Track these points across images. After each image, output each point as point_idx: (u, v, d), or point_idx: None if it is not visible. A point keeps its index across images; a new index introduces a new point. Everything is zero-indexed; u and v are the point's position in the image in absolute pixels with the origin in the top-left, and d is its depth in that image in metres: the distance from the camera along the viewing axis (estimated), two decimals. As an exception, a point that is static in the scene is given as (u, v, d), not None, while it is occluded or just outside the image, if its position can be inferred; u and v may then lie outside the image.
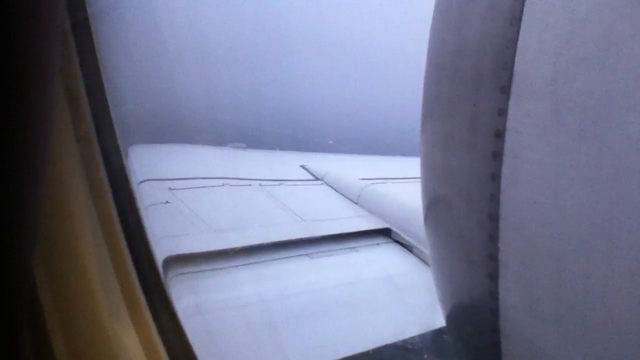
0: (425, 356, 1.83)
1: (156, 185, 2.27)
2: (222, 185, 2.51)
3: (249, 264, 1.99)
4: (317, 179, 3.00)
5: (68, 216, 0.82)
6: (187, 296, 1.64)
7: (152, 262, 0.83)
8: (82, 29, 0.82)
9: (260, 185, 2.62)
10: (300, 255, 2.14)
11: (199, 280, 1.76)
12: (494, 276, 0.67)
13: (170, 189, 2.27)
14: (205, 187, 2.41)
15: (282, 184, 2.74)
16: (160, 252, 0.92)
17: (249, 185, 2.60)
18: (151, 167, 2.27)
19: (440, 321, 0.88)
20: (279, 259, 2.07)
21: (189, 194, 2.30)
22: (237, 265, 1.94)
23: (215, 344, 1.37)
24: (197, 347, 0.80)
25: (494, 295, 0.67)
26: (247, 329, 1.57)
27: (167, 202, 2.13)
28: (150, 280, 0.82)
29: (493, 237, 0.68)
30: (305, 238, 2.22)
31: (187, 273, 1.79)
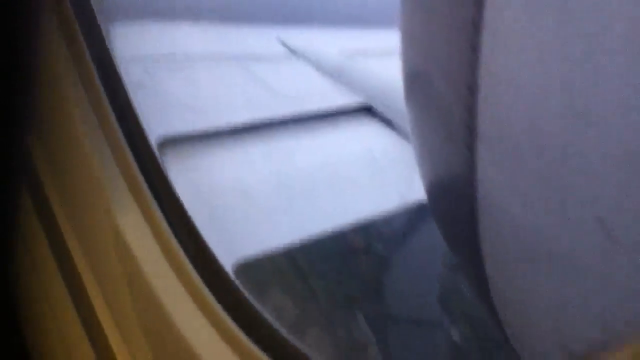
0: (407, 228, 1.91)
1: (135, 65, 2.20)
2: (199, 63, 2.44)
3: (235, 143, 1.99)
4: (295, 53, 2.92)
5: (60, 103, 0.81)
6: (183, 177, 1.66)
7: (146, 143, 0.83)
8: None
9: (237, 61, 2.54)
10: (282, 133, 2.14)
11: (191, 161, 1.77)
12: (471, 148, 0.67)
13: (147, 68, 2.21)
14: (183, 65, 2.34)
15: (259, 59, 2.66)
16: (150, 134, 0.92)
17: (226, 61, 2.53)
18: (130, 45, 2.19)
19: (421, 194, 0.90)
20: (261, 138, 2.07)
21: (168, 73, 2.24)
22: (223, 146, 1.95)
23: (216, 221, 1.41)
24: (200, 225, 0.82)
25: (471, 166, 0.67)
26: (243, 206, 1.61)
27: (147, 83, 2.08)
28: (146, 162, 0.82)
29: (471, 109, 0.68)
30: (285, 116, 2.21)
31: (177, 154, 1.80)
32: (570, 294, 0.54)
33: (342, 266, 1.64)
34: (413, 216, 1.86)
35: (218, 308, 0.71)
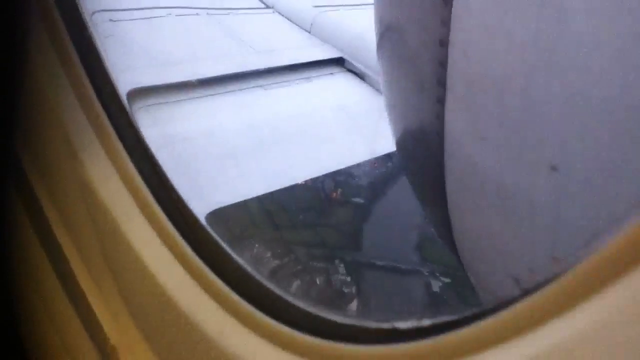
0: (375, 177, 1.95)
1: (103, 17, 2.16)
2: (169, 16, 2.40)
3: (204, 96, 1.98)
4: (267, 7, 2.89)
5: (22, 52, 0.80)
6: (151, 128, 1.66)
7: (115, 93, 0.82)
8: None
9: (207, 14, 2.51)
10: (254, 86, 2.14)
11: (159, 113, 1.76)
12: (441, 100, 0.70)
13: (114, 20, 2.16)
14: (152, 17, 2.30)
15: (231, 12, 2.63)
16: (118, 86, 0.92)
17: (197, 14, 2.49)
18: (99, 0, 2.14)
19: (390, 144, 0.93)
20: (232, 90, 2.06)
21: (136, 25, 2.20)
22: (192, 98, 1.94)
23: (186, 171, 1.42)
24: (170, 175, 0.83)
25: (440, 118, 0.70)
26: (213, 157, 1.62)
27: (112, 34, 2.05)
28: (115, 112, 0.82)
29: (442, 63, 0.71)
30: (257, 69, 2.20)
31: (146, 106, 1.79)
32: (519, 228, 0.58)
33: (316, 215, 1.68)
34: (382, 166, 1.90)
35: (191, 252, 0.73)
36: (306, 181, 1.69)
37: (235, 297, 0.64)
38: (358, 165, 1.81)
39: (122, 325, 0.78)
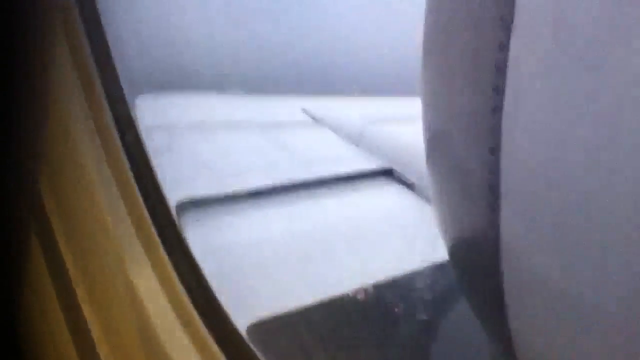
0: (430, 288, 1.88)
1: (159, 133, 2.27)
2: (223, 131, 2.51)
3: (254, 206, 2.01)
4: (317, 121, 2.98)
5: (77, 161, 0.83)
6: (200, 238, 1.68)
7: (164, 205, 0.84)
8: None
9: (260, 129, 2.60)
10: (304, 197, 2.16)
11: (209, 223, 1.78)
12: (494, 207, 0.68)
13: (172, 135, 2.27)
14: (207, 133, 2.41)
15: (282, 127, 2.73)
16: (169, 197, 0.94)
17: (250, 129, 2.59)
18: (154, 114, 2.27)
19: (443, 254, 0.90)
20: (283, 201, 2.09)
21: (192, 140, 2.30)
22: (242, 209, 1.96)
23: (231, 281, 1.41)
24: (214, 286, 0.82)
25: (494, 226, 0.68)
26: (259, 267, 1.61)
27: (170, 148, 2.13)
28: (164, 223, 0.84)
29: (493, 170, 0.69)
30: (307, 180, 2.24)
31: (196, 217, 1.82)
32: (590, 345, 0.53)
33: (361, 329, 1.61)
34: (436, 277, 1.83)
35: None
36: (356, 290, 1.65)
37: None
38: (409, 275, 1.76)
39: None
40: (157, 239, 0.82)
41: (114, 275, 0.84)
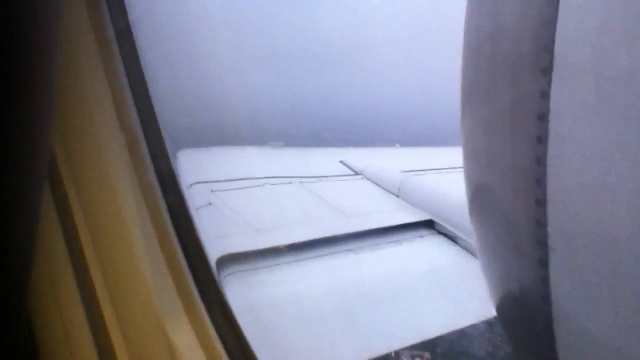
0: (481, 346, 1.81)
1: (201, 188, 2.31)
2: (264, 185, 2.54)
3: (294, 261, 2.00)
4: (356, 173, 2.99)
5: (121, 219, 0.84)
6: (240, 294, 1.67)
7: (204, 261, 0.84)
8: (124, 36, 0.84)
9: (300, 182, 2.63)
10: (344, 250, 2.15)
11: (249, 278, 1.78)
12: (543, 262, 0.65)
13: (213, 190, 2.30)
14: (247, 187, 2.44)
15: (321, 180, 2.75)
16: (210, 252, 0.95)
17: (290, 183, 2.62)
18: (196, 170, 2.32)
19: (490, 311, 0.86)
20: (324, 255, 2.08)
21: (232, 195, 2.33)
22: (283, 263, 1.96)
23: (271, 340, 1.39)
24: (254, 344, 0.81)
25: (544, 281, 0.65)
26: (300, 324, 1.59)
27: (211, 203, 2.16)
28: (204, 279, 0.83)
29: (541, 222, 0.66)
30: (348, 233, 2.22)
31: (237, 272, 1.82)
32: None
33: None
34: (484, 333, 1.77)
35: None
36: (401, 350, 1.60)
37: None
38: (454, 332, 1.70)
39: None
40: (197, 295, 0.82)
41: (153, 332, 0.83)
